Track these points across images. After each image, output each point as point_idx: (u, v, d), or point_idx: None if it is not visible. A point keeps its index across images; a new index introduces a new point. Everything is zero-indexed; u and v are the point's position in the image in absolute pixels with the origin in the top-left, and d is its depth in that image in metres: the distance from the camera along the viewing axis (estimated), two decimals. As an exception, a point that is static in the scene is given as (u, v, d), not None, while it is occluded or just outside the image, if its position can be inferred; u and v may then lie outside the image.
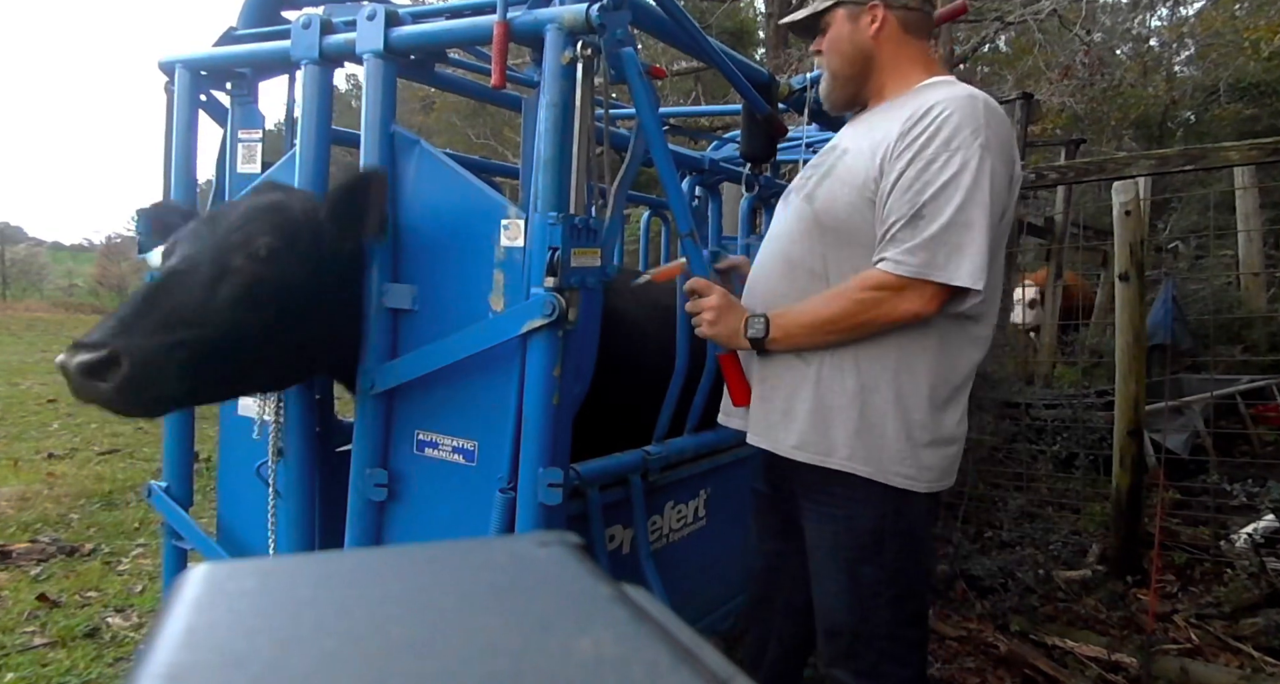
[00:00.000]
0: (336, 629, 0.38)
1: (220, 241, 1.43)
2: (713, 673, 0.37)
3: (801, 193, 1.56)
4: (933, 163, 1.35)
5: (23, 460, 5.05)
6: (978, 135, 1.34)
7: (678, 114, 3.11)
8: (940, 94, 1.41)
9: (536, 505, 1.44)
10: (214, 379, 1.42)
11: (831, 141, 1.62)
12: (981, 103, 1.39)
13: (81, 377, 1.25)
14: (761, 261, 1.64)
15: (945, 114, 1.36)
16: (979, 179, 1.33)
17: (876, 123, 1.50)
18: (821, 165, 1.56)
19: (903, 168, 1.37)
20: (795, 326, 1.47)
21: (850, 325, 1.42)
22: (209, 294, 1.37)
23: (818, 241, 1.50)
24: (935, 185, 1.34)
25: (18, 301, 19.70)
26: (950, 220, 1.33)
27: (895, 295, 1.36)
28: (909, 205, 1.35)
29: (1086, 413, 3.79)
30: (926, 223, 1.34)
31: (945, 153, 1.34)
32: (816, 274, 1.50)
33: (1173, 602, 3.02)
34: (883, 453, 1.45)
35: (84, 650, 2.61)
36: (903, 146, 1.38)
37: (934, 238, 1.33)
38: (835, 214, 1.47)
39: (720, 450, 2.20)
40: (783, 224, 1.60)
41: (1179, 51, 12.05)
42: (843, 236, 1.47)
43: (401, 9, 1.61)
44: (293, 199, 1.53)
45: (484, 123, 14.80)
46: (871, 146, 1.44)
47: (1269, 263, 6.56)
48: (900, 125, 1.40)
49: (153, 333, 1.30)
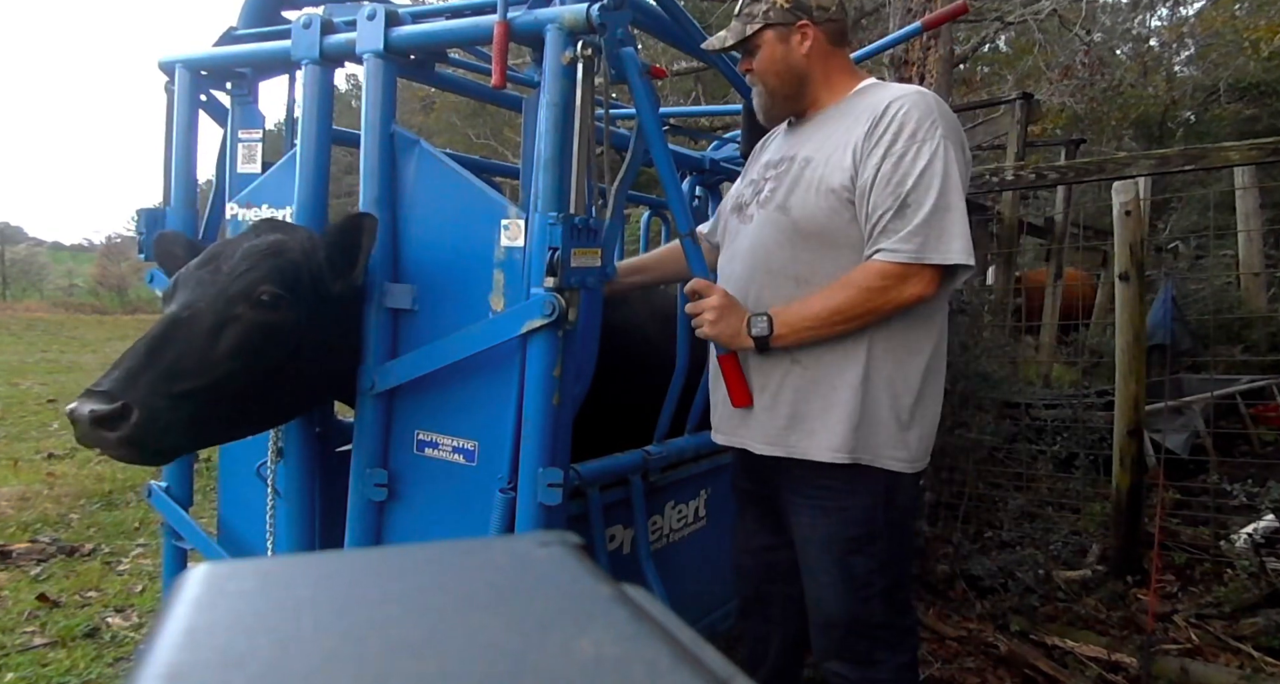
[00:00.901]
0: (336, 629, 0.38)
1: (223, 289, 1.43)
2: (713, 673, 0.37)
3: (770, 205, 1.59)
4: (904, 156, 1.44)
5: (23, 460, 5.05)
6: (936, 126, 1.45)
7: (678, 114, 3.11)
8: (889, 93, 1.51)
9: (536, 505, 1.45)
10: (219, 426, 1.46)
11: (775, 153, 1.68)
12: (931, 97, 1.49)
13: (90, 426, 1.28)
14: (737, 274, 1.65)
15: (903, 110, 1.46)
16: (948, 166, 1.44)
17: (829, 130, 1.57)
18: (782, 176, 1.60)
19: (877, 163, 1.45)
20: (801, 321, 1.49)
21: (857, 314, 1.46)
22: (213, 344, 1.39)
23: (800, 249, 1.54)
24: (913, 175, 1.42)
25: (18, 301, 19.71)
26: (935, 205, 1.42)
27: (898, 282, 1.43)
28: (893, 198, 1.43)
29: (1086, 413, 3.79)
30: (913, 210, 1.42)
31: (915, 145, 1.44)
32: (802, 279, 1.54)
33: (1173, 602, 3.02)
34: (876, 439, 1.51)
35: (84, 650, 2.61)
36: (871, 145, 1.46)
37: (924, 223, 1.42)
38: (816, 220, 1.52)
39: (721, 450, 2.20)
40: (753, 237, 1.62)
41: (1179, 51, 12.05)
42: (825, 241, 1.52)
43: (401, 9, 1.61)
44: (292, 240, 1.53)
45: (484, 123, 14.81)
46: (838, 151, 1.51)
47: (1269, 263, 6.56)
48: (863, 126, 1.48)
49: (161, 385, 1.33)
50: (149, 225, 1.88)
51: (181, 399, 1.34)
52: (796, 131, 1.67)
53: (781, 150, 1.67)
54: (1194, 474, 3.96)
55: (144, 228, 1.89)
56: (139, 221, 1.91)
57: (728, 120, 5.98)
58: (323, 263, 1.51)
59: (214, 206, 1.93)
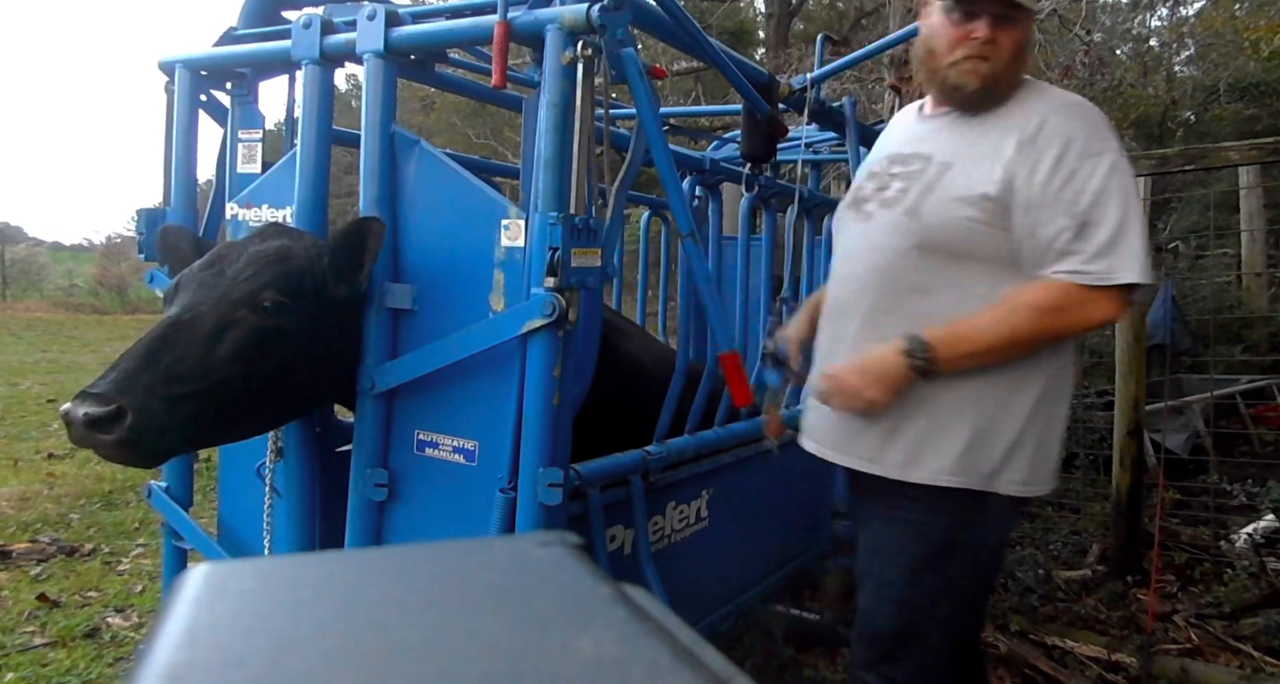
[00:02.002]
0: (336, 629, 0.38)
1: (225, 293, 1.43)
2: (713, 673, 0.37)
3: (897, 207, 1.47)
4: (1077, 171, 1.35)
5: (23, 460, 5.05)
6: (1108, 139, 1.37)
7: (678, 114, 3.11)
8: (1046, 103, 1.43)
9: (536, 505, 1.44)
10: (216, 429, 1.46)
11: (904, 146, 1.56)
12: (1091, 108, 1.42)
13: (84, 428, 1.27)
14: (855, 276, 1.53)
15: (1068, 123, 1.38)
16: (1124, 180, 1.36)
17: (976, 134, 1.46)
18: (913, 177, 1.49)
19: (1045, 179, 1.36)
20: (965, 354, 1.39)
21: (1033, 339, 1.38)
22: (213, 348, 1.38)
23: (926, 257, 1.44)
24: (1089, 192, 1.35)
25: (18, 301, 19.69)
26: (1118, 224, 1.34)
27: (1082, 305, 1.35)
28: (1068, 215, 1.35)
29: (1086, 413, 3.79)
30: (1095, 229, 1.34)
31: (1087, 159, 1.36)
32: (921, 289, 1.44)
33: (1173, 602, 3.02)
34: (988, 463, 1.42)
35: (84, 650, 2.61)
36: (1032, 158, 1.38)
37: (1109, 245, 1.33)
38: (950, 230, 1.42)
39: (721, 450, 2.20)
40: (873, 239, 1.51)
41: (1179, 51, 12.04)
42: (957, 252, 1.42)
43: (402, 9, 1.61)
44: (297, 246, 1.52)
45: (484, 123, 14.80)
46: (985, 160, 1.41)
47: (1270, 263, 6.56)
48: (1015, 135, 1.40)
49: (157, 388, 1.32)
50: (149, 225, 1.88)
51: (178, 402, 1.34)
52: (934, 125, 1.55)
53: (912, 145, 1.55)
54: (1194, 474, 3.96)
55: (144, 228, 1.89)
56: (139, 221, 1.90)
57: (728, 120, 5.98)
58: (327, 268, 1.50)
59: (214, 206, 1.93)
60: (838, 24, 13.60)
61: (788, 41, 11.86)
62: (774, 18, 12.91)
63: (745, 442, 2.28)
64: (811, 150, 3.08)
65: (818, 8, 15.59)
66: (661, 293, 3.31)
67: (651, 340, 2.65)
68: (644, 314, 3.96)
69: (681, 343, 2.06)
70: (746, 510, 2.36)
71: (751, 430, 2.31)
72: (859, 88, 8.33)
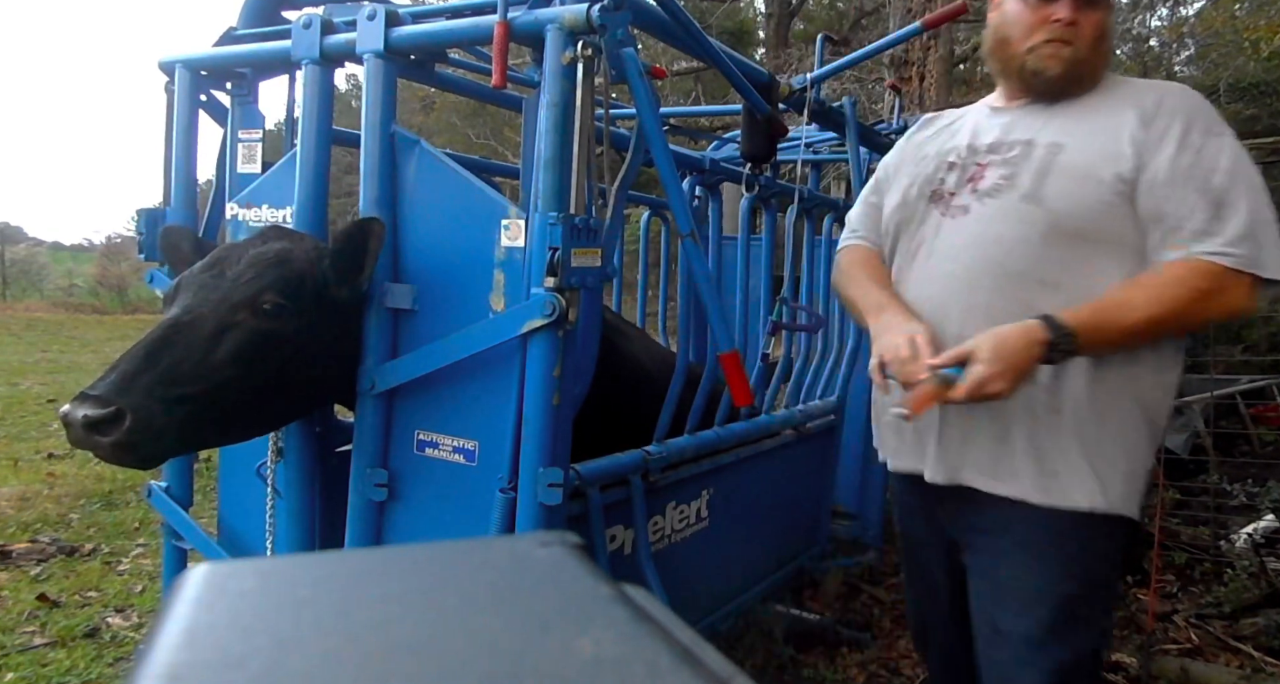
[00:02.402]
0: (336, 629, 0.38)
1: (225, 295, 1.43)
2: (713, 673, 0.37)
3: (1009, 194, 1.36)
4: (1203, 149, 1.29)
5: (23, 460, 5.05)
6: (1221, 122, 1.32)
7: (678, 114, 3.11)
8: (1153, 85, 1.39)
9: (537, 505, 1.45)
10: (215, 431, 1.46)
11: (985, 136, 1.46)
12: (1195, 92, 1.37)
13: (83, 430, 1.28)
14: (955, 275, 1.40)
15: (1186, 100, 1.34)
16: (1249, 165, 1.30)
17: (1081, 115, 1.39)
18: (1016, 162, 1.38)
19: (1172, 155, 1.28)
20: (1107, 341, 1.27)
21: (1179, 322, 1.28)
22: (212, 350, 1.38)
23: (1054, 246, 1.32)
24: (1219, 171, 1.27)
25: (18, 301, 19.69)
26: (1254, 211, 1.26)
27: (1221, 288, 1.24)
28: (1199, 193, 1.26)
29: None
30: (1231, 212, 1.25)
31: (1211, 138, 1.29)
32: (1050, 283, 1.32)
33: (1173, 602, 3.02)
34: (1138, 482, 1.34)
35: (84, 650, 2.61)
36: (1156, 136, 1.30)
37: (1250, 231, 1.25)
38: (1083, 215, 1.31)
39: (721, 451, 2.20)
40: (977, 232, 1.38)
41: (1179, 51, 12.05)
42: (1089, 239, 1.32)
43: (402, 9, 1.61)
44: (298, 249, 1.52)
45: (484, 123, 14.81)
46: (1103, 137, 1.33)
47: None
48: (1132, 113, 1.33)
49: (157, 390, 1.32)
50: (149, 225, 1.88)
51: (176, 404, 1.34)
52: (1015, 115, 1.46)
53: (995, 134, 1.45)
54: (1194, 474, 3.95)
55: (144, 228, 1.89)
56: (139, 222, 1.90)
57: (728, 120, 5.98)
58: (328, 271, 1.50)
59: (214, 206, 1.93)
60: (838, 24, 13.61)
61: (788, 41, 11.87)
62: (774, 18, 12.92)
63: (745, 442, 2.28)
64: (811, 150, 3.08)
65: (818, 8, 15.61)
66: (661, 293, 3.31)
67: (651, 342, 2.65)
68: (644, 314, 3.97)
69: (681, 343, 2.06)
70: (746, 510, 2.36)
71: (752, 430, 2.32)
72: (859, 88, 8.33)
